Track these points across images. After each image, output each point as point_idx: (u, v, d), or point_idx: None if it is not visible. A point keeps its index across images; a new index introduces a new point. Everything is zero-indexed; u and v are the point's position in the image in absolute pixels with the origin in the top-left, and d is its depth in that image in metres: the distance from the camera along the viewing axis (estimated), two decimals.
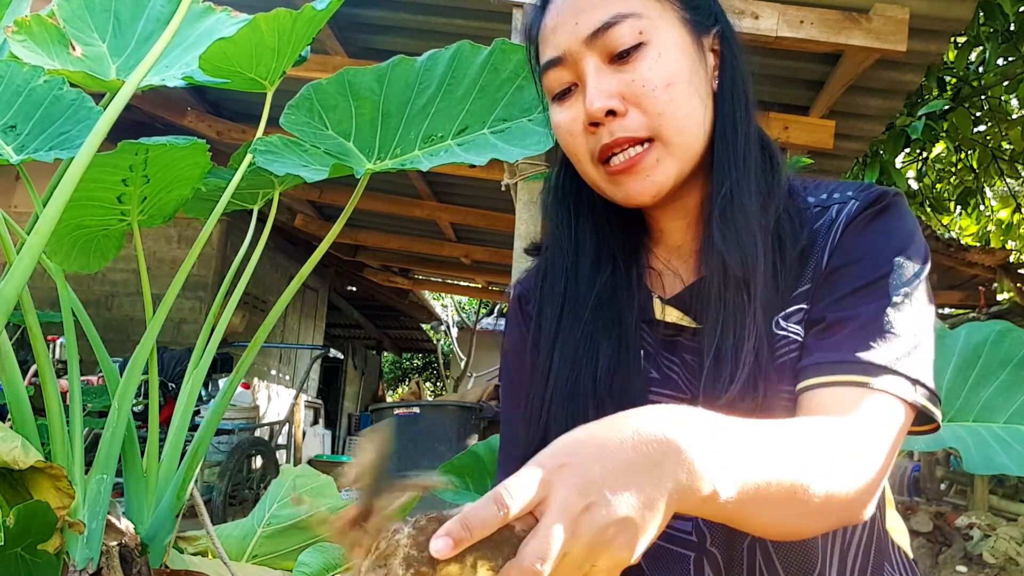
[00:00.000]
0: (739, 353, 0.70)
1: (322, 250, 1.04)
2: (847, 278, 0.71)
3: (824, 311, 0.70)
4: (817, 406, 0.66)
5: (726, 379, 0.70)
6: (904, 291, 0.69)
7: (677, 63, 0.72)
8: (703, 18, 0.77)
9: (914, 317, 0.69)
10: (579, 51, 0.73)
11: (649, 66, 0.71)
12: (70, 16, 1.13)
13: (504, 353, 0.92)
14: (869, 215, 0.74)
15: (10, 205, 5.89)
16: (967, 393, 1.17)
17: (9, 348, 0.85)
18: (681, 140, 0.73)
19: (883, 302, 0.68)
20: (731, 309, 0.72)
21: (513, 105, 1.04)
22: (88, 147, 0.79)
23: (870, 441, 0.62)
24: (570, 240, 0.83)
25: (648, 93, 0.71)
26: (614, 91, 0.72)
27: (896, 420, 0.65)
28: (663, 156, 0.73)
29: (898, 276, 0.70)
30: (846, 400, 0.65)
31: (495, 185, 3.82)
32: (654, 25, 0.72)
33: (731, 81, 0.77)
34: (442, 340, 14.19)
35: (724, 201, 0.74)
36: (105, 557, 0.85)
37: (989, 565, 3.98)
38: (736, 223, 0.73)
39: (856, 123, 3.96)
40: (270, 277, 7.40)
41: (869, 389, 0.64)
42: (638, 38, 0.72)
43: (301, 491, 1.31)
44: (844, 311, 0.69)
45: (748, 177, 0.76)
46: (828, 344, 0.68)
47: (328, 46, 3.78)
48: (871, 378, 0.65)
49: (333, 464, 7.25)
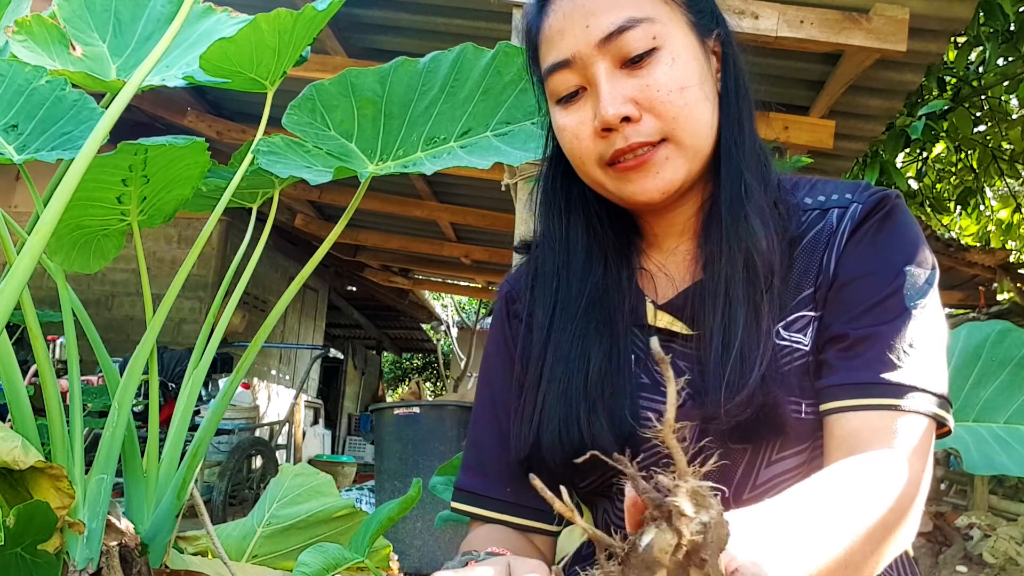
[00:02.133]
0: (746, 360, 0.70)
1: (323, 251, 1.04)
2: (863, 292, 0.71)
3: (845, 328, 0.70)
4: (850, 432, 0.66)
5: (734, 387, 0.69)
6: (920, 302, 0.70)
7: (689, 67, 0.72)
8: (707, 21, 0.77)
9: (931, 326, 0.70)
10: (590, 55, 0.72)
11: (663, 71, 0.71)
12: (70, 16, 1.13)
13: (486, 353, 0.92)
14: (874, 223, 0.74)
15: (10, 205, 5.89)
16: (967, 393, 1.17)
17: (9, 348, 0.85)
18: (693, 142, 0.73)
19: (902, 317, 0.69)
20: (739, 311, 0.72)
21: (516, 108, 1.04)
22: (89, 147, 0.79)
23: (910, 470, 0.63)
24: (561, 239, 0.83)
25: (663, 98, 0.71)
26: (628, 96, 0.71)
27: (928, 438, 0.66)
28: (672, 155, 0.73)
29: (912, 287, 0.70)
30: (880, 426, 0.65)
31: (495, 185, 3.82)
32: (666, 29, 0.72)
33: (735, 82, 0.78)
34: (442, 340, 14.19)
35: (742, 197, 0.74)
36: (105, 557, 0.85)
37: (989, 565, 3.98)
38: (753, 217, 0.73)
39: (856, 123, 3.96)
40: (270, 277, 7.40)
41: (900, 412, 0.65)
42: (651, 43, 0.71)
43: (300, 490, 1.31)
44: (864, 328, 0.69)
45: (756, 175, 0.76)
46: (853, 364, 0.69)
47: (328, 46, 3.78)
48: (901, 400, 0.66)
49: (333, 464, 7.25)
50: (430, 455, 3.95)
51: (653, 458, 0.77)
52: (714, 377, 0.71)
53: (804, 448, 0.73)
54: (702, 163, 0.76)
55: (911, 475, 0.62)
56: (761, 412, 0.69)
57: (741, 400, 0.69)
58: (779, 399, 0.69)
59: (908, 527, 0.61)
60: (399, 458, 4.05)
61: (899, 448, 0.64)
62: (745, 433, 0.71)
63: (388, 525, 1.14)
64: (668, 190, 0.74)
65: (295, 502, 1.30)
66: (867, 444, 0.65)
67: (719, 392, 0.70)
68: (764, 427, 0.71)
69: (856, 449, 0.65)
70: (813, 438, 0.73)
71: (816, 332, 0.73)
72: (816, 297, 0.74)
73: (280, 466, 3.25)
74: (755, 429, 0.71)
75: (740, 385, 0.69)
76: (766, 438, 0.73)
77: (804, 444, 0.73)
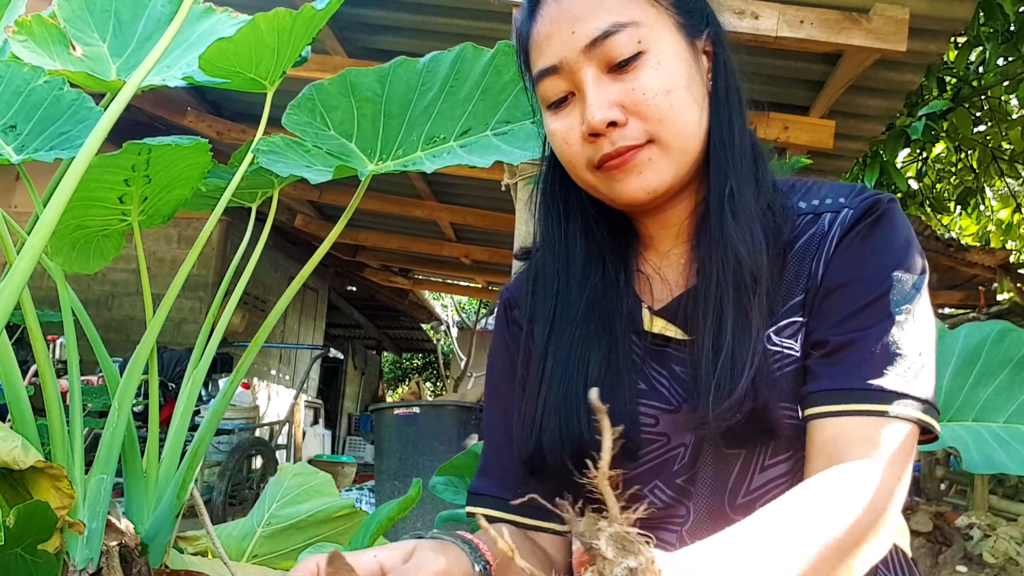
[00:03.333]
0: (736, 364, 0.69)
1: (323, 250, 1.04)
2: (847, 298, 0.70)
3: (827, 333, 0.70)
4: (830, 439, 0.66)
5: (724, 391, 0.69)
6: (906, 307, 0.69)
7: (675, 70, 0.72)
8: (696, 21, 0.76)
9: (917, 332, 0.69)
10: (576, 60, 0.72)
11: (649, 75, 0.71)
12: (71, 16, 1.13)
13: (490, 360, 0.92)
14: (864, 228, 0.73)
15: (10, 205, 5.89)
16: (967, 393, 1.17)
17: (9, 348, 0.85)
18: (679, 144, 0.73)
19: (887, 322, 0.68)
20: (728, 316, 0.71)
21: (516, 107, 1.04)
22: (89, 147, 0.79)
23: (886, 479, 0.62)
24: (561, 242, 0.83)
25: (648, 101, 0.71)
26: (614, 101, 0.71)
27: (910, 444, 0.65)
28: (656, 156, 0.73)
29: (898, 292, 0.69)
30: (863, 433, 0.65)
31: (495, 185, 3.82)
32: (652, 33, 0.72)
33: (725, 82, 0.77)
34: (442, 340, 14.19)
35: (726, 201, 0.74)
36: (105, 557, 0.85)
37: (989, 565, 3.98)
38: (739, 222, 0.73)
39: (856, 123, 3.96)
40: (270, 277, 7.40)
41: (886, 418, 0.65)
42: (637, 47, 0.71)
43: (300, 490, 1.31)
44: (848, 334, 0.69)
45: (746, 176, 0.75)
46: (836, 370, 0.68)
47: (328, 46, 3.78)
48: (886, 406, 0.65)
49: (333, 464, 7.26)
50: (430, 455, 3.95)
51: (651, 463, 0.77)
52: (705, 382, 0.71)
53: (797, 454, 0.73)
54: (691, 165, 0.75)
55: (886, 484, 0.62)
56: (752, 417, 0.69)
57: (731, 404, 0.68)
58: (770, 404, 0.69)
59: (880, 536, 0.61)
60: (399, 458, 4.05)
61: (877, 456, 0.63)
62: (738, 438, 0.71)
63: (388, 525, 1.14)
64: (655, 190, 0.74)
65: (295, 502, 1.30)
66: (846, 451, 0.64)
67: (711, 395, 0.70)
68: (756, 432, 0.71)
69: (835, 456, 0.64)
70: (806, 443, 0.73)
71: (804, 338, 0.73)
72: (806, 303, 0.73)
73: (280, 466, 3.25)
74: (748, 434, 0.71)
75: (730, 389, 0.69)
76: (759, 443, 0.73)
77: (797, 450, 0.73)
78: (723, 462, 0.75)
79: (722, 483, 0.75)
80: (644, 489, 0.77)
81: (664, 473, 0.77)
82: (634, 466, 0.77)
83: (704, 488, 0.75)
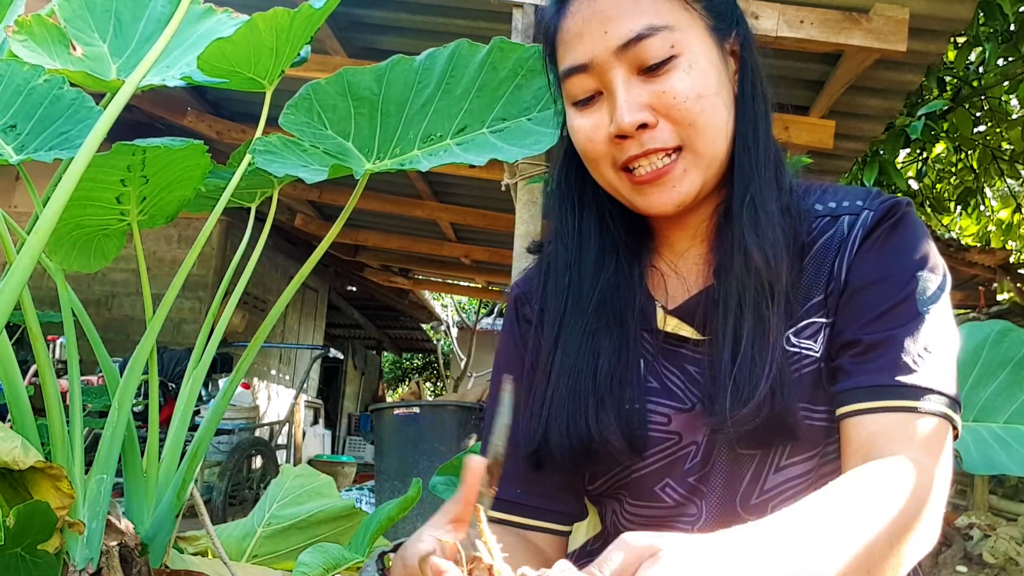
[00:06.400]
0: (755, 369, 0.70)
1: (322, 250, 1.04)
2: (876, 298, 0.71)
3: (858, 333, 0.70)
4: (867, 435, 0.66)
5: (742, 397, 0.69)
6: (932, 307, 0.70)
7: (707, 74, 0.72)
8: (726, 24, 0.76)
9: (943, 331, 0.70)
10: (607, 61, 0.72)
11: (681, 79, 0.71)
12: (71, 16, 1.13)
13: (497, 355, 0.92)
14: (885, 231, 0.74)
15: (10, 205, 5.89)
16: (967, 393, 1.17)
17: (9, 348, 0.85)
18: (709, 150, 0.73)
19: (915, 321, 0.69)
20: (747, 320, 0.71)
21: (512, 104, 1.04)
22: (88, 147, 0.79)
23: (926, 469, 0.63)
24: (574, 235, 0.82)
25: (679, 105, 0.71)
26: (645, 103, 0.71)
27: (944, 438, 0.66)
28: (690, 167, 0.73)
29: (924, 292, 0.70)
30: (898, 428, 0.66)
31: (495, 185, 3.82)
32: (684, 36, 0.71)
33: (752, 85, 0.77)
34: (442, 340, 14.19)
35: (749, 205, 0.74)
36: (105, 557, 0.85)
37: (989, 565, 3.98)
38: (761, 226, 0.73)
39: (856, 123, 3.95)
40: (270, 277, 7.40)
41: (918, 413, 0.66)
42: (670, 51, 0.71)
43: (301, 490, 1.32)
44: (878, 333, 0.69)
45: (769, 179, 0.76)
46: (868, 368, 0.69)
47: (328, 46, 3.78)
48: (919, 402, 0.66)
49: (333, 464, 7.26)
50: (430, 455, 3.95)
51: (662, 461, 0.77)
52: (724, 385, 0.71)
53: (814, 454, 0.73)
54: (717, 170, 0.75)
55: (927, 473, 0.62)
56: (771, 419, 0.69)
57: (750, 409, 0.69)
58: (789, 406, 0.69)
59: (927, 525, 0.61)
60: (399, 458, 4.05)
61: (914, 448, 0.64)
62: (755, 439, 0.71)
63: (388, 525, 1.14)
64: (683, 202, 0.74)
65: (295, 502, 1.30)
66: (884, 446, 0.65)
67: (729, 400, 0.70)
68: (775, 433, 0.71)
69: (873, 452, 0.65)
70: (823, 444, 0.73)
71: (828, 339, 0.73)
72: (827, 304, 0.73)
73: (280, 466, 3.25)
74: (766, 435, 0.71)
75: (748, 395, 0.69)
76: (776, 444, 0.73)
77: (814, 450, 0.73)
78: (736, 462, 0.74)
79: (735, 483, 0.74)
80: (655, 487, 0.77)
81: (676, 471, 0.77)
82: (644, 464, 0.77)
83: (716, 487, 0.75)
